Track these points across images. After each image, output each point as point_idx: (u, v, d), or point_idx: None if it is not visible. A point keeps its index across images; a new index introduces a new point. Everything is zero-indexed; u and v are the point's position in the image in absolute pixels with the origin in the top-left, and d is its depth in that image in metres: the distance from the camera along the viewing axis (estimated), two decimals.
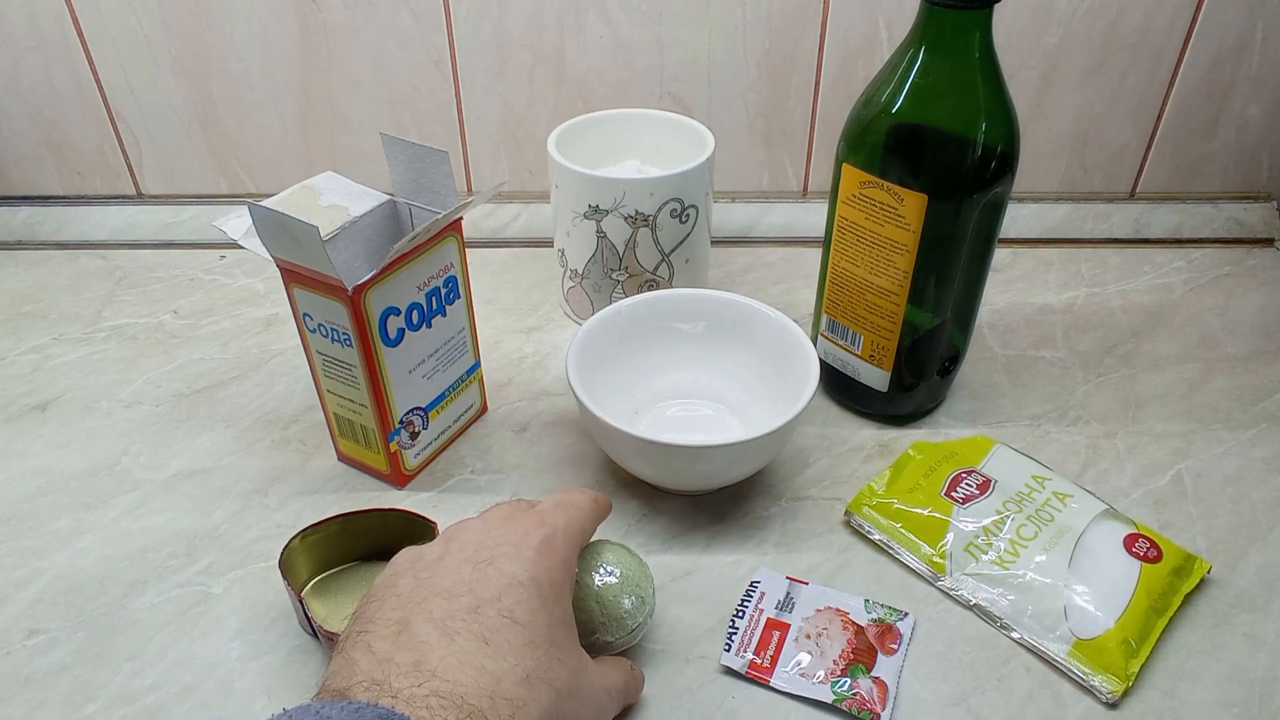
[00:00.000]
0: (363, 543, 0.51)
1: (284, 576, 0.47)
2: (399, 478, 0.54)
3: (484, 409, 0.61)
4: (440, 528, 0.49)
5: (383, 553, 0.51)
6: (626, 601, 0.45)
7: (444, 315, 0.54)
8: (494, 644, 0.33)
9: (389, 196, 0.54)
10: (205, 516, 0.56)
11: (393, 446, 0.51)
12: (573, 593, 0.39)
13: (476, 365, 0.59)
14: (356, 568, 0.51)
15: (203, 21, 0.75)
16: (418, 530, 0.50)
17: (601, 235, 0.65)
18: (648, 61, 0.76)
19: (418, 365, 0.54)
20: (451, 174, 0.52)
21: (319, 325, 0.50)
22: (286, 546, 0.48)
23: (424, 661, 0.32)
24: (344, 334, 0.48)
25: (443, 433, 0.57)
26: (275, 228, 0.46)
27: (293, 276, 0.49)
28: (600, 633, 0.44)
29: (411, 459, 0.54)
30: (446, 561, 0.37)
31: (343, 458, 0.58)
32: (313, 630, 0.48)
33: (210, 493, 0.57)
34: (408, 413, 0.52)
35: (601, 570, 0.45)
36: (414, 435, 0.52)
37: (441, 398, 0.55)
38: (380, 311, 0.49)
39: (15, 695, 0.46)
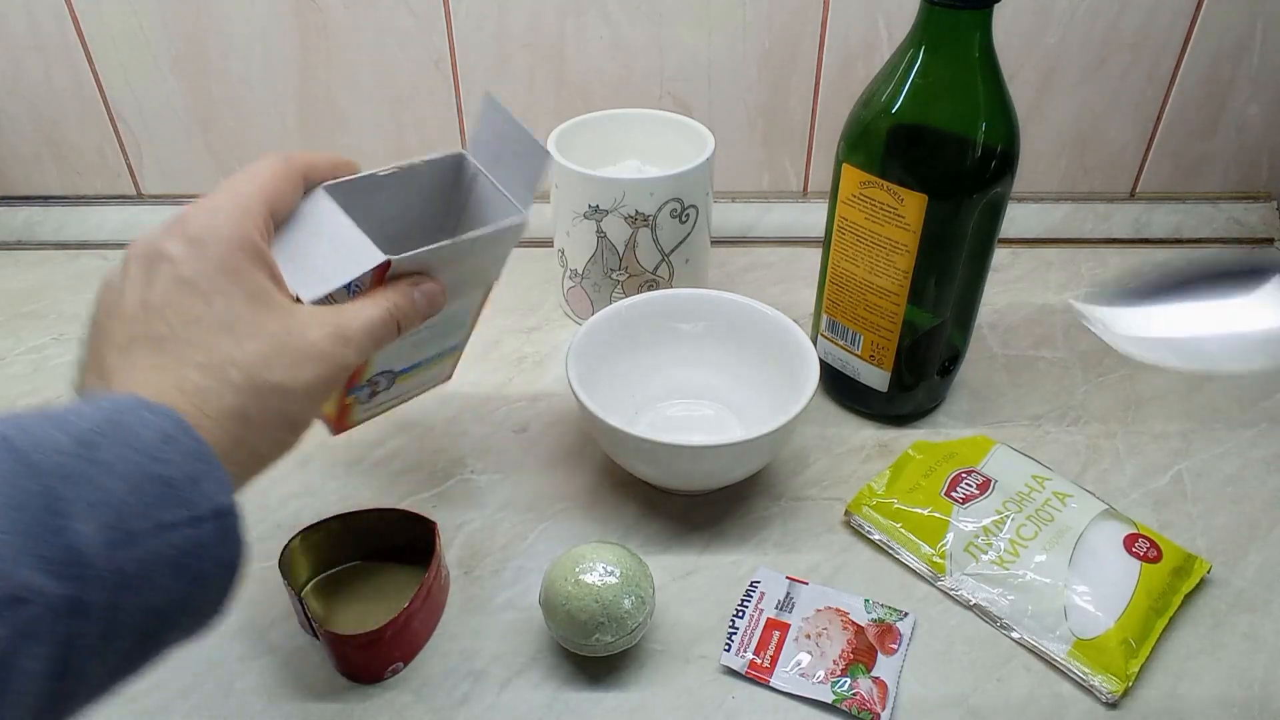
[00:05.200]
0: (363, 543, 0.51)
1: (284, 576, 0.47)
2: (340, 426, 0.49)
3: (447, 380, 0.56)
4: (440, 528, 0.49)
5: (383, 553, 0.51)
6: (626, 601, 0.45)
7: (459, 297, 0.47)
8: (169, 346, 0.33)
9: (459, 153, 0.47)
10: None
11: (348, 400, 0.47)
12: (261, 260, 0.36)
13: (463, 344, 0.53)
14: (356, 568, 0.51)
15: (203, 21, 0.75)
16: (418, 530, 0.50)
17: (601, 235, 0.65)
18: (648, 61, 0.76)
19: (414, 332, 0.46)
20: (541, 176, 0.46)
21: None
22: (286, 546, 0.48)
23: (115, 381, 0.33)
24: (356, 287, 0.41)
25: (399, 397, 0.52)
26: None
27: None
28: (600, 633, 0.44)
29: (360, 413, 0.49)
30: (125, 283, 0.35)
31: None
32: (313, 630, 0.48)
33: None
34: (379, 374, 0.48)
35: (601, 570, 0.45)
36: (373, 394, 0.49)
37: (416, 365, 0.51)
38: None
39: None
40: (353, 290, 0.39)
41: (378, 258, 0.38)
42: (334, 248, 0.39)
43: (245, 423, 0.33)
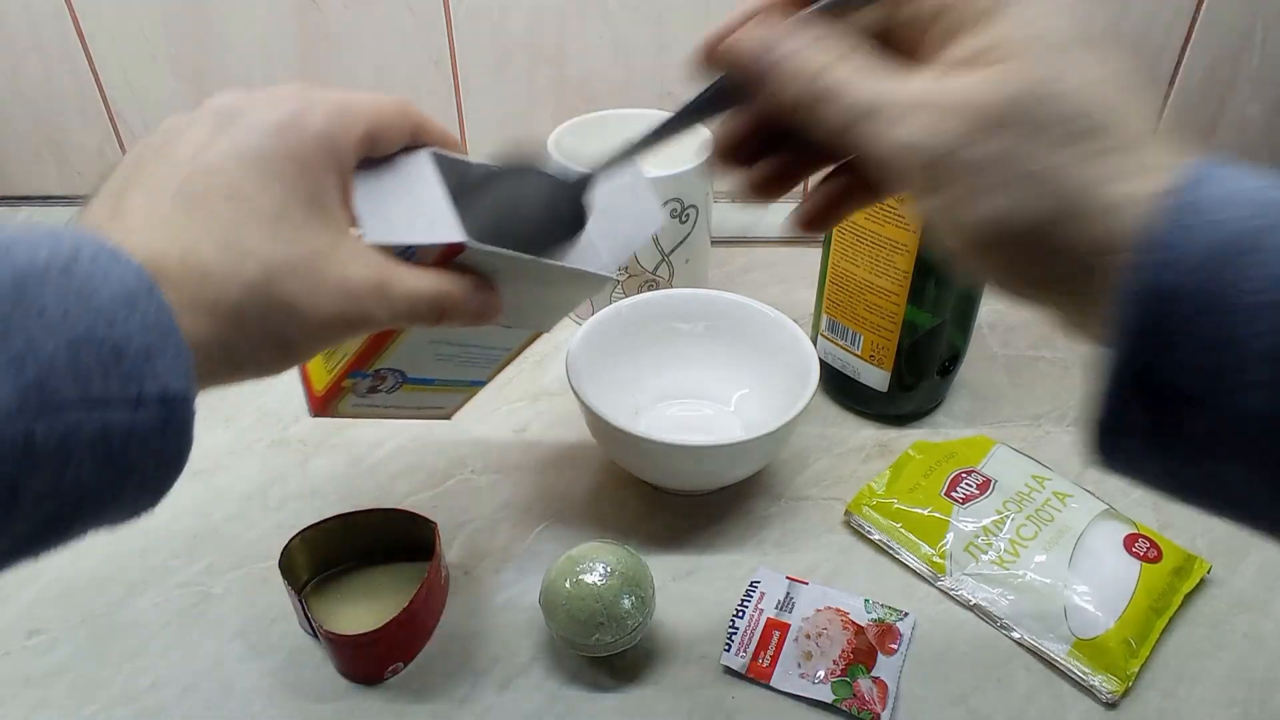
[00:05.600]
0: (363, 543, 0.51)
1: (284, 576, 0.47)
2: (322, 407, 0.45)
3: (447, 418, 0.53)
4: (440, 528, 0.49)
5: (383, 553, 0.51)
6: (626, 601, 0.45)
7: (504, 327, 0.44)
8: (199, 209, 0.29)
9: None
10: (205, 516, 0.56)
11: (346, 383, 0.43)
12: (344, 179, 0.33)
13: (483, 383, 0.50)
14: (356, 568, 0.51)
15: (203, 22, 0.75)
16: (418, 529, 0.50)
17: None
18: (648, 61, 0.76)
19: (444, 342, 0.44)
20: (643, 243, 0.42)
21: None
22: (286, 546, 0.48)
23: (124, 221, 0.29)
24: (413, 252, 0.37)
25: (395, 408, 0.48)
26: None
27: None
28: (600, 633, 0.44)
29: (349, 405, 0.45)
30: (190, 130, 0.32)
31: None
32: (313, 630, 0.48)
33: (210, 493, 0.57)
34: (390, 369, 0.44)
35: (601, 570, 0.45)
36: (373, 389, 0.45)
37: (428, 381, 0.47)
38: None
39: (15, 695, 0.46)
40: (409, 258, 0.35)
41: (456, 235, 0.34)
42: (416, 207, 0.35)
43: (238, 325, 0.29)
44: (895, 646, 0.48)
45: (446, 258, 0.34)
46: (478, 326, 0.37)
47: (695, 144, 0.67)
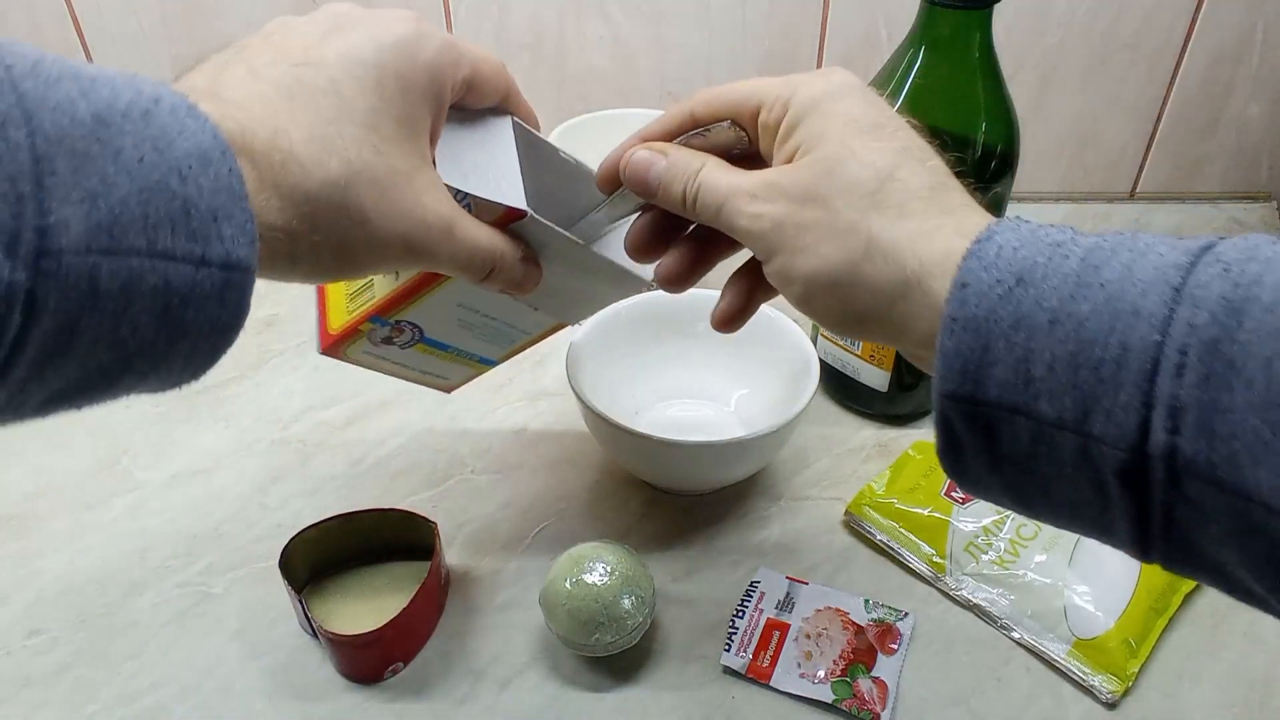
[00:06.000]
0: (363, 542, 0.51)
1: (284, 576, 0.47)
2: (332, 346, 0.44)
3: (447, 391, 0.52)
4: (440, 528, 0.49)
5: (383, 553, 0.51)
6: (626, 601, 0.45)
7: (532, 309, 0.44)
8: (298, 99, 0.29)
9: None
10: (205, 516, 0.56)
11: (364, 327, 0.42)
12: (438, 114, 0.34)
13: (493, 363, 0.49)
14: (356, 568, 0.51)
15: (202, 21, 0.75)
16: (418, 529, 0.50)
17: None
18: (648, 61, 0.76)
19: (470, 309, 0.44)
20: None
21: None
22: (286, 546, 0.48)
23: (219, 90, 0.28)
24: (468, 205, 0.36)
25: (403, 366, 0.47)
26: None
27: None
28: (600, 633, 0.44)
29: (359, 350, 0.45)
30: (304, 25, 0.32)
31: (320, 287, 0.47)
32: (313, 630, 0.48)
33: (210, 493, 0.57)
34: (411, 323, 0.43)
35: (601, 570, 0.45)
36: (388, 340, 0.44)
37: (443, 347, 0.47)
38: None
39: (15, 695, 0.46)
40: (466, 210, 0.36)
41: (520, 203, 0.35)
42: (492, 165, 0.36)
43: (308, 217, 0.29)
44: (895, 646, 0.48)
45: (505, 221, 0.35)
46: (513, 294, 0.38)
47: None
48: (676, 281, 0.39)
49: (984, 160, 0.52)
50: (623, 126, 0.71)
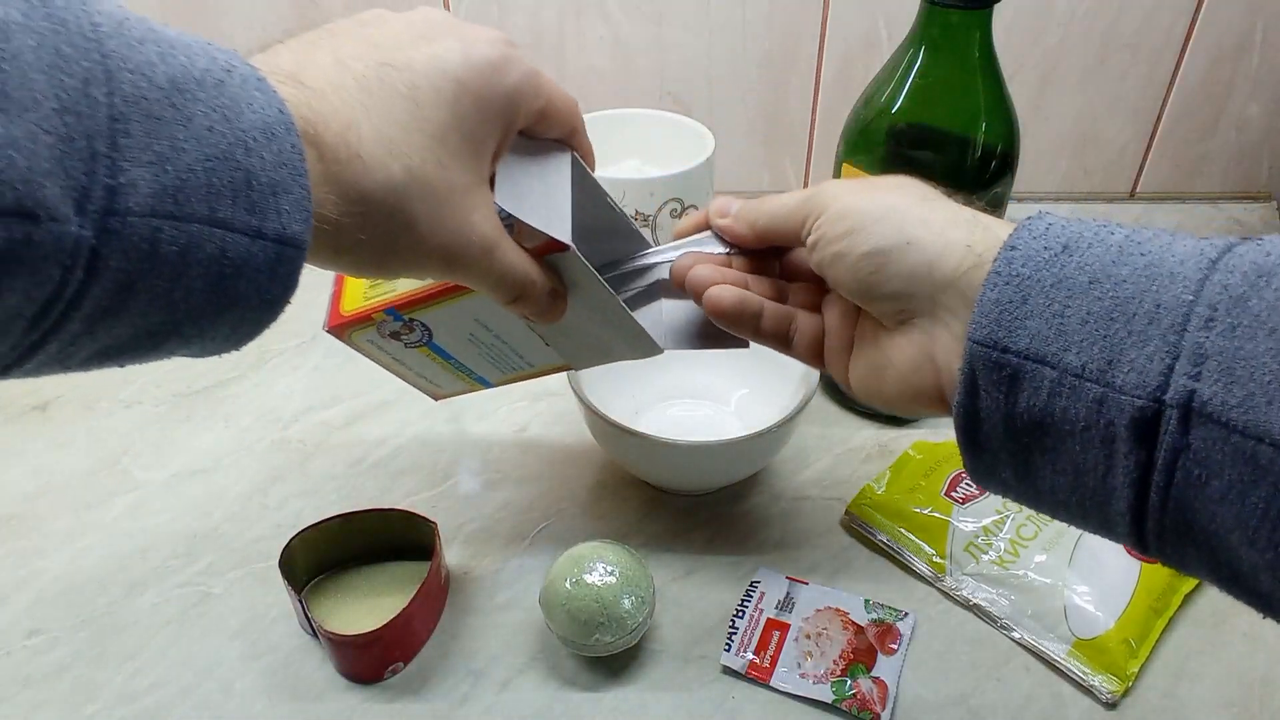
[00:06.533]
0: (363, 542, 0.51)
1: (284, 576, 0.47)
2: (338, 326, 0.44)
3: (435, 398, 0.51)
4: (440, 528, 0.49)
5: (383, 553, 0.51)
6: (626, 601, 0.45)
7: (543, 343, 0.44)
8: (375, 97, 0.30)
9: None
10: (205, 516, 0.56)
11: (377, 316, 0.43)
12: (505, 137, 0.34)
13: (488, 384, 0.49)
14: (356, 568, 0.51)
15: (202, 21, 0.75)
16: (418, 529, 0.50)
17: None
18: (648, 61, 0.76)
19: (484, 326, 0.43)
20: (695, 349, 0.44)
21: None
22: (286, 546, 0.48)
23: (301, 75, 0.29)
24: (511, 228, 0.37)
25: (400, 364, 0.47)
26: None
27: None
28: (600, 633, 0.44)
29: (363, 338, 0.45)
30: (399, 23, 0.32)
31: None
32: (313, 630, 0.48)
33: (210, 493, 0.57)
34: (424, 325, 0.43)
35: (601, 570, 0.45)
36: (395, 335, 0.44)
37: (445, 356, 0.46)
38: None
39: (15, 695, 0.46)
40: (508, 231, 0.36)
41: (566, 237, 0.36)
42: (544, 195, 0.37)
43: (361, 215, 0.29)
44: (895, 646, 0.48)
45: (544, 251, 0.36)
46: (533, 322, 0.39)
47: (695, 144, 0.67)
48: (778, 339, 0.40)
49: (984, 160, 0.52)
50: (623, 126, 0.71)
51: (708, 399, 0.62)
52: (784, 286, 0.40)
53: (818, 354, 0.39)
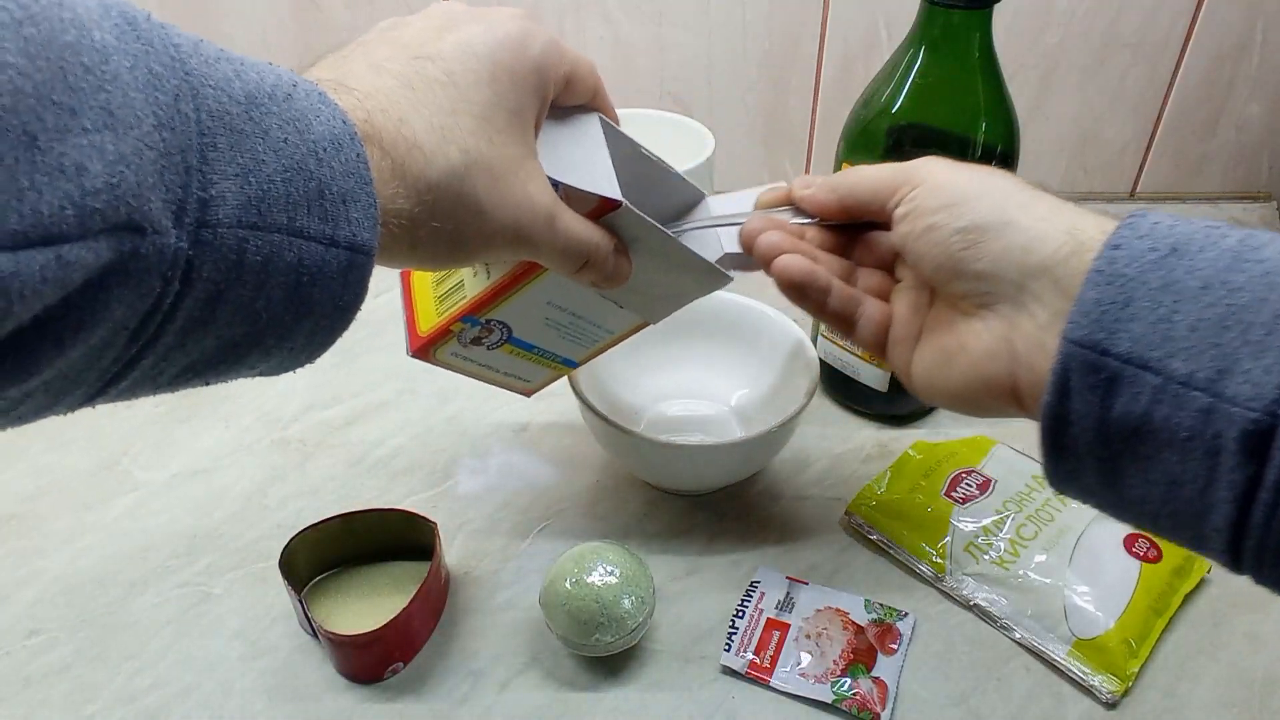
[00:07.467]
0: (363, 543, 0.51)
1: (284, 576, 0.47)
2: (422, 349, 0.44)
3: (527, 394, 0.51)
4: (440, 528, 0.49)
5: (383, 553, 0.51)
6: (626, 601, 0.45)
7: (616, 306, 0.45)
8: (418, 90, 0.30)
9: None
10: (205, 516, 0.56)
11: (455, 327, 0.43)
12: (542, 107, 0.35)
13: (574, 364, 0.49)
14: (356, 568, 0.51)
15: (202, 22, 0.75)
16: (418, 529, 0.50)
17: None
18: (648, 61, 0.76)
19: (558, 306, 0.44)
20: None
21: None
22: (286, 546, 0.48)
23: (345, 81, 0.30)
24: (560, 193, 0.37)
25: (488, 368, 0.47)
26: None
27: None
28: (600, 633, 0.44)
29: (447, 353, 0.45)
30: (419, 22, 0.33)
31: (405, 281, 0.47)
32: (313, 630, 0.48)
33: (210, 493, 0.57)
34: (500, 322, 0.44)
35: (601, 570, 0.45)
36: (477, 341, 0.44)
37: (529, 348, 0.46)
38: None
39: (15, 695, 0.46)
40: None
41: (616, 194, 0.36)
42: (585, 159, 0.38)
43: (429, 205, 0.30)
44: (895, 646, 0.48)
45: (599, 213, 0.36)
46: (603, 288, 0.39)
47: (695, 144, 0.67)
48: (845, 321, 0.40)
49: (984, 160, 0.52)
50: (622, 126, 0.71)
51: (708, 399, 0.62)
52: (853, 270, 0.40)
53: (881, 342, 0.39)
